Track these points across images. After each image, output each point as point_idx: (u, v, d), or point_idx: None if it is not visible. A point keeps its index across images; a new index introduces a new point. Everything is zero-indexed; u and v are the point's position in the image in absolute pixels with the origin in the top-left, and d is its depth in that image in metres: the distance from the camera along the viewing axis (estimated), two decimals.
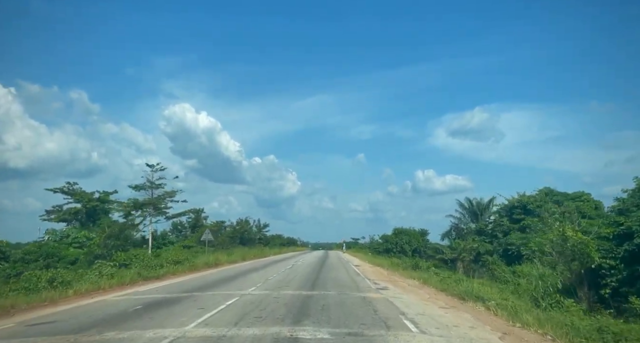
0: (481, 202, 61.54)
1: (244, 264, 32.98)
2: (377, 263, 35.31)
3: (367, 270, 27.61)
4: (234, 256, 38.68)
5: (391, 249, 58.72)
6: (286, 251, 77.35)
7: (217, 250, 46.20)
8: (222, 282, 17.78)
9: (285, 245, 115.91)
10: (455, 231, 64.72)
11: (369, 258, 44.78)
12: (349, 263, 36.41)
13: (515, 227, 36.74)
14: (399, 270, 27.44)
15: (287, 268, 27.70)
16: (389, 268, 29.72)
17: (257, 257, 45.97)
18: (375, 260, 38.47)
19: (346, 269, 27.99)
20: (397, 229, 59.83)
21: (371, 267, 31.54)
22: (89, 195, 52.03)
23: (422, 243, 60.63)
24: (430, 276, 21.42)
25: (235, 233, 73.36)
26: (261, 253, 51.66)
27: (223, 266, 30.67)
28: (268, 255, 55.52)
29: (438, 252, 56.46)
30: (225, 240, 56.06)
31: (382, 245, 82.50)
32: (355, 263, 37.00)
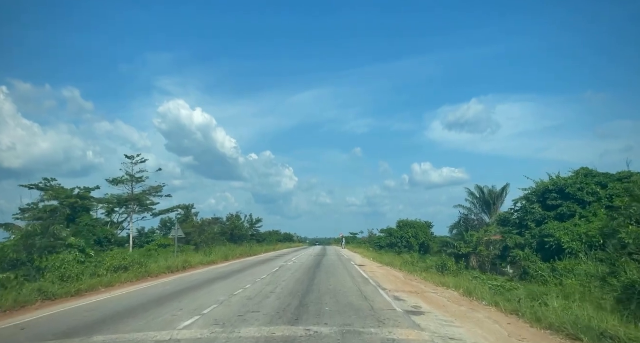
0: (494, 190, 54.96)
1: (221, 267, 26.11)
2: (386, 261, 28.53)
3: (377, 273, 20.81)
4: (213, 256, 31.86)
5: (396, 244, 51.98)
6: (280, 248, 70.59)
7: (199, 249, 39.43)
8: (148, 307, 10.77)
9: (282, 241, 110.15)
10: (465, 223, 58.12)
11: (373, 255, 38.02)
12: (350, 262, 29.71)
13: (550, 215, 30.20)
14: (417, 271, 20.67)
15: (272, 271, 20.91)
16: (402, 268, 22.99)
17: (244, 256, 39.14)
18: (382, 258, 31.68)
19: (349, 272, 21.19)
20: (402, 222, 53.07)
21: (380, 268, 24.79)
22: (68, 191, 45.90)
23: (430, 237, 53.94)
24: (471, 283, 14.67)
25: (225, 230, 66.71)
26: (250, 252, 44.83)
27: (193, 269, 23.86)
28: (258, 253, 48.71)
29: (448, 245, 49.80)
30: (211, 237, 49.20)
31: (384, 239, 75.99)
32: (358, 261, 30.26)
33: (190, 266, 24.90)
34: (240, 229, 68.36)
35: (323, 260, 31.35)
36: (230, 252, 37.38)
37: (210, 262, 29.37)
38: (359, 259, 34.20)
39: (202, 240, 46.80)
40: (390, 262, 27.68)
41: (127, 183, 52.87)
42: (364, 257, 37.53)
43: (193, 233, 46.94)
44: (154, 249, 39.78)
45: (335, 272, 20.47)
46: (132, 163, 52.62)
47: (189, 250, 39.73)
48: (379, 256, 35.20)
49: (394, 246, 52.04)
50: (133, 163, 52.74)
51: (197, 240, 46.86)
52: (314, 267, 23.73)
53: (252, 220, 72.09)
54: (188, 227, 48.61)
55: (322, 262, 29.60)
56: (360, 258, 35.31)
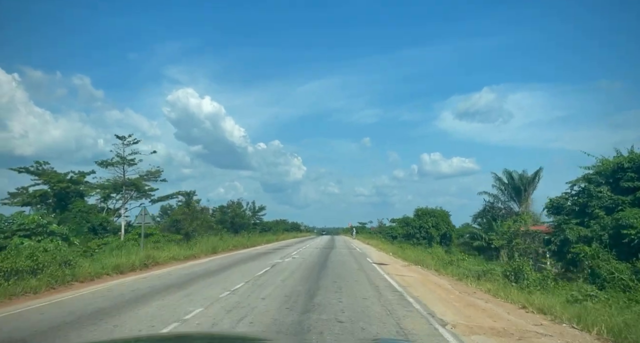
0: (524, 174, 47.74)
1: (197, 264, 19.46)
2: (412, 258, 21.62)
3: (408, 279, 13.90)
4: (196, 248, 25.38)
5: (413, 235, 45.16)
6: (284, 238, 64.07)
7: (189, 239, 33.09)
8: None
9: (289, 230, 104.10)
10: (491, 211, 51.05)
11: (390, 247, 31.18)
12: (366, 258, 22.95)
13: (625, 200, 23.24)
14: (467, 276, 13.85)
15: (256, 275, 14.14)
16: (440, 270, 16.21)
17: (238, 248, 32.65)
18: (404, 253, 24.75)
19: (367, 276, 14.34)
20: (420, 210, 46.06)
21: (407, 268, 17.95)
22: (60, 175, 40.09)
23: (452, 227, 47.00)
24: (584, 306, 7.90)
25: (224, 218, 60.35)
26: (247, 242, 38.36)
27: (158, 268, 17.33)
28: (258, 243, 42.23)
29: (475, 237, 42.92)
30: (206, 225, 42.72)
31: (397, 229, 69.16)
32: (374, 257, 23.50)
33: (155, 263, 18.36)
34: (241, 217, 62.01)
35: (331, 255, 24.70)
36: (220, 244, 30.88)
37: (189, 256, 22.87)
38: (374, 254, 27.50)
39: (193, 228, 40.34)
40: (418, 258, 20.88)
41: (117, 165, 46.88)
42: (380, 251, 30.85)
43: (183, 221, 40.52)
44: (133, 239, 33.48)
45: (348, 277, 13.71)
46: (124, 144, 46.40)
47: (175, 240, 33.35)
48: (400, 250, 28.41)
49: (411, 237, 45.20)
50: (124, 144, 46.51)
51: (188, 229, 40.40)
52: (317, 267, 17.00)
53: (254, 208, 65.76)
54: (177, 213, 42.24)
55: (329, 257, 22.94)
56: (377, 252, 28.60)
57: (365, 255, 25.04)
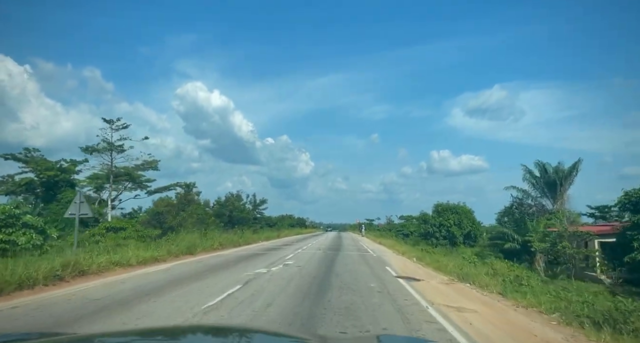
0: (560, 167, 40.90)
1: (142, 274, 13.06)
2: (452, 269, 14.95)
3: (469, 315, 7.55)
4: (163, 250, 19.12)
5: (432, 234, 38.61)
6: (287, 234, 57.77)
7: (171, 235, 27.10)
8: None
9: (294, 226, 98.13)
10: (519, 208, 44.25)
11: (412, 251, 24.54)
12: (386, 268, 16.12)
13: None
14: (583, 323, 7.46)
15: (202, 307, 7.83)
16: (505, 292, 9.80)
17: (225, 248, 26.40)
18: (437, 262, 17.90)
19: (399, 309, 7.96)
20: (440, 206, 39.39)
21: (467, 296, 11.33)
22: (50, 163, 36.68)
23: (477, 226, 40.34)
24: None
25: (222, 212, 54.21)
26: (239, 240, 32.14)
27: (81, 282, 11.11)
28: (255, 241, 36.03)
29: (505, 237, 36.26)
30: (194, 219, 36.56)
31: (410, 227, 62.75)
32: (398, 267, 16.81)
33: (80, 273, 12.11)
34: (240, 211, 55.82)
35: (337, 261, 18.30)
36: (202, 242, 24.62)
37: (148, 260, 16.60)
38: (393, 259, 21.03)
39: (177, 222, 34.22)
40: (457, 269, 14.36)
41: (104, 152, 41.16)
42: (398, 253, 24.44)
43: (166, 214, 34.41)
44: (99, 233, 27.41)
45: (368, 315, 7.29)
46: (112, 128, 40.55)
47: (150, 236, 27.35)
48: (423, 253, 21.91)
49: (430, 236, 38.68)
50: (113, 128, 40.65)
51: (172, 223, 34.27)
52: (314, 288, 10.50)
53: (255, 201, 59.47)
54: (161, 205, 36.14)
55: (334, 265, 16.52)
56: (396, 257, 22.12)
57: (382, 262, 18.58)
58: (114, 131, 39.22)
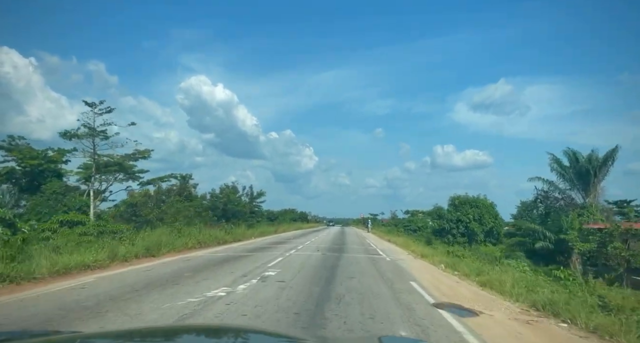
0: (594, 155, 35.34)
1: (42, 295, 7.82)
2: (506, 284, 9.61)
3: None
4: (103, 252, 13.84)
5: (449, 230, 33.16)
6: (287, 229, 52.49)
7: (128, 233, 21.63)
8: None
9: (296, 220, 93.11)
10: (544, 202, 38.74)
11: (437, 253, 18.82)
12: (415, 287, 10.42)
13: None
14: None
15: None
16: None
17: (205, 246, 21.22)
18: (488, 274, 12.27)
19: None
20: (457, 199, 33.78)
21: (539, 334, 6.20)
22: (34, 152, 33.23)
23: (500, 221, 34.81)
24: None
25: (216, 205, 49.05)
26: (226, 237, 26.91)
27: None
28: (247, 237, 30.86)
29: (535, 235, 30.80)
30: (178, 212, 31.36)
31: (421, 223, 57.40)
32: (430, 284, 11.32)
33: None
34: (235, 204, 50.58)
35: (340, 269, 12.97)
36: (172, 241, 19.41)
37: (76, 267, 11.40)
38: (412, 264, 15.61)
39: (156, 216, 29.00)
40: (527, 288, 9.04)
41: (85, 138, 35.68)
42: (415, 255, 19.07)
43: (141, 206, 29.22)
44: (50, 228, 22.17)
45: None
46: (95, 112, 35.00)
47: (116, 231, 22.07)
48: (456, 259, 16.45)
49: (446, 233, 33.25)
50: (96, 112, 35.08)
51: (150, 216, 29.04)
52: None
53: (252, 193, 54.16)
54: (138, 196, 30.94)
55: (335, 275, 11.14)
56: (414, 261, 16.70)
57: (401, 272, 13.13)
58: (97, 115, 34.33)
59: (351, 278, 11.11)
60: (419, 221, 61.97)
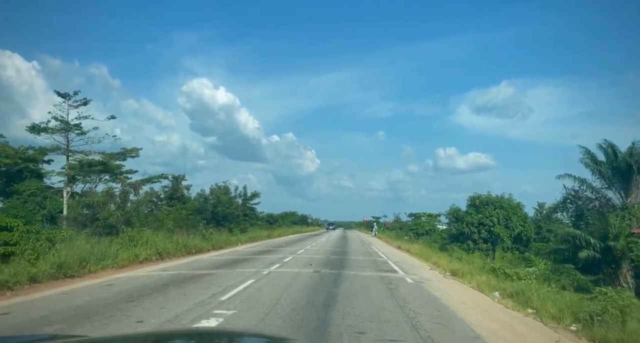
0: (636, 148, 29.66)
1: None
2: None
3: None
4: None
5: (469, 235, 27.55)
6: (284, 233, 46.97)
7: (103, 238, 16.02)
8: None
9: (297, 223, 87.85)
10: (575, 202, 33.11)
11: (487, 277, 13.00)
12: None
13: None
14: None
15: None
16: None
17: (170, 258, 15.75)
18: (577, 308, 7.07)
19: None
20: (478, 198, 28.07)
21: None
22: (12, 150, 29.42)
23: (530, 225, 29.13)
24: None
25: (205, 206, 43.67)
26: (205, 244, 21.52)
27: None
28: (232, 244, 25.55)
29: (576, 242, 25.23)
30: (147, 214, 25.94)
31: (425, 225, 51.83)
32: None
33: None
34: (226, 205, 45.04)
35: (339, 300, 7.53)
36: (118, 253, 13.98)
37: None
38: (446, 288, 10.06)
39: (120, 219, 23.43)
40: None
41: (57, 132, 30.66)
42: (442, 272, 13.54)
43: (97, 208, 23.66)
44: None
45: None
46: (69, 104, 30.08)
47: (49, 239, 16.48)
48: (517, 286, 10.86)
49: (465, 238, 27.64)
50: (70, 105, 30.16)
51: (113, 220, 23.41)
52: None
53: (245, 194, 48.64)
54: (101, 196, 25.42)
55: (328, 337, 5.73)
56: (446, 283, 11.10)
57: (450, 318, 7.55)
58: (72, 108, 29.27)
59: (359, 336, 5.64)
60: (426, 224, 56.34)
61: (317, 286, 9.87)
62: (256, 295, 8.51)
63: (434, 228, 53.95)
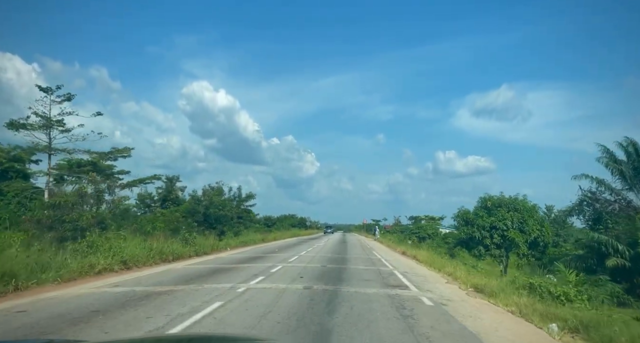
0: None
1: None
2: None
3: None
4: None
5: (480, 240, 24.76)
6: (279, 237, 44.14)
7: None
8: None
9: (296, 226, 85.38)
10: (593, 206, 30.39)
11: (525, 298, 10.24)
12: None
13: None
14: None
15: None
16: None
17: (129, 269, 12.91)
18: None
19: None
20: (489, 200, 25.24)
21: None
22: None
23: (548, 229, 26.30)
24: None
25: (196, 209, 41.01)
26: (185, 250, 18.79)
27: None
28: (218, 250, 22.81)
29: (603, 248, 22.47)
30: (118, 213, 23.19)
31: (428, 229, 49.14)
32: None
33: None
34: (219, 207, 42.28)
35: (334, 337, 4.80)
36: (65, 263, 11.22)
37: None
38: (486, 318, 7.38)
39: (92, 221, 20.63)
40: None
41: (38, 129, 28.07)
42: (463, 286, 10.84)
43: (66, 208, 20.84)
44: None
45: None
46: (52, 100, 27.44)
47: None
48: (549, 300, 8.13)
49: (476, 244, 24.85)
50: (53, 100, 27.53)
51: (83, 222, 20.61)
52: None
53: (240, 195, 45.82)
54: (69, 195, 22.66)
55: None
56: (477, 308, 8.39)
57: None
58: (56, 103, 26.71)
59: None
60: (428, 228, 53.64)
61: (305, 313, 7.11)
62: (213, 332, 5.76)
63: (436, 232, 51.32)
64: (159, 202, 43.02)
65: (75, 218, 19.53)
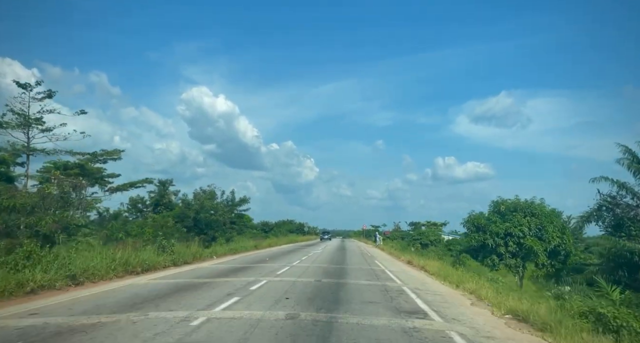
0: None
1: None
2: None
3: None
4: None
5: (494, 248, 22.03)
6: (273, 243, 41.28)
7: None
8: None
9: (294, 231, 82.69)
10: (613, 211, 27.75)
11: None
12: None
13: None
14: None
15: None
16: None
17: (79, 286, 10.15)
18: None
19: None
20: (504, 204, 22.48)
21: None
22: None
23: (570, 236, 23.57)
24: None
25: (187, 213, 38.44)
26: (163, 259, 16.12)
27: None
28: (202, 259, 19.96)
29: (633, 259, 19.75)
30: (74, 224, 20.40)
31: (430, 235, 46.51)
32: None
33: None
34: (210, 212, 39.63)
35: None
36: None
37: None
38: None
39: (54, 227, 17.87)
40: None
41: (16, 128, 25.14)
42: (498, 313, 8.23)
43: (23, 211, 18.13)
44: None
45: None
46: (31, 97, 24.60)
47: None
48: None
49: (490, 251, 22.12)
50: (32, 97, 24.69)
51: (43, 227, 17.86)
52: None
53: (233, 199, 43.07)
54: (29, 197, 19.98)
55: None
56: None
57: None
58: (35, 101, 24.15)
59: None
60: (430, 234, 51.01)
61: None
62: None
63: (439, 239, 48.67)
64: (151, 207, 40.36)
65: (34, 222, 16.81)
